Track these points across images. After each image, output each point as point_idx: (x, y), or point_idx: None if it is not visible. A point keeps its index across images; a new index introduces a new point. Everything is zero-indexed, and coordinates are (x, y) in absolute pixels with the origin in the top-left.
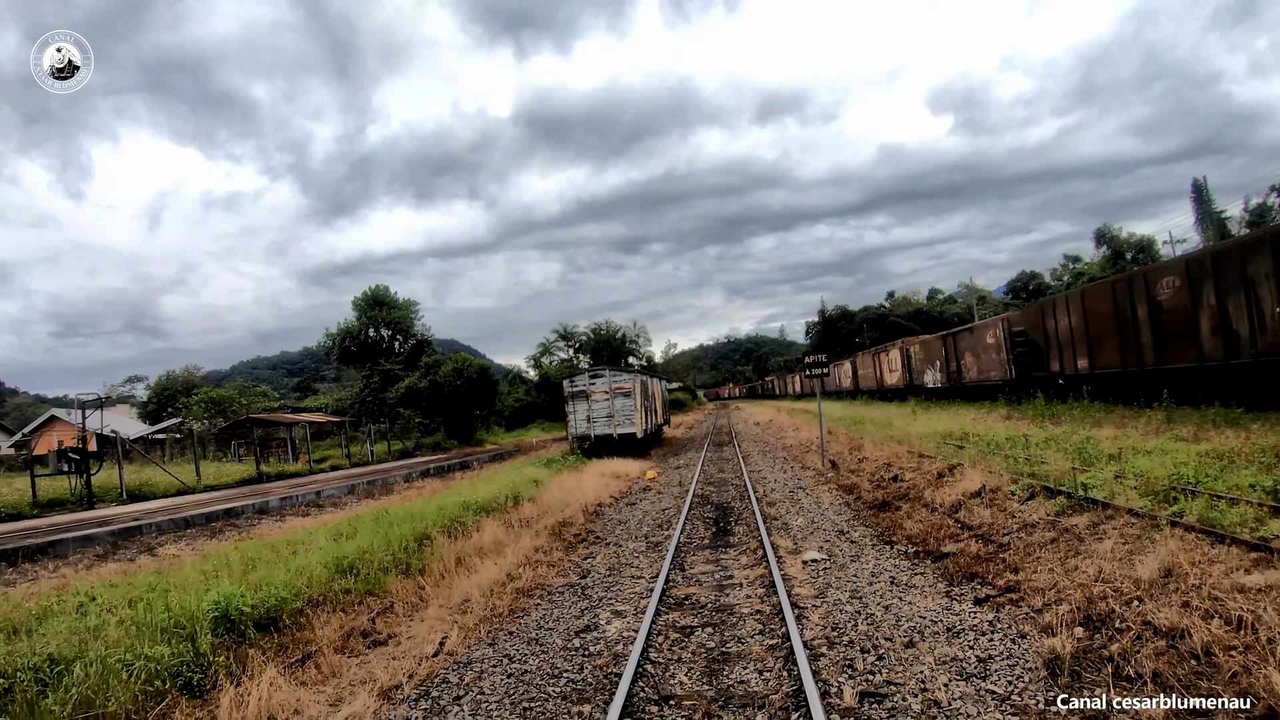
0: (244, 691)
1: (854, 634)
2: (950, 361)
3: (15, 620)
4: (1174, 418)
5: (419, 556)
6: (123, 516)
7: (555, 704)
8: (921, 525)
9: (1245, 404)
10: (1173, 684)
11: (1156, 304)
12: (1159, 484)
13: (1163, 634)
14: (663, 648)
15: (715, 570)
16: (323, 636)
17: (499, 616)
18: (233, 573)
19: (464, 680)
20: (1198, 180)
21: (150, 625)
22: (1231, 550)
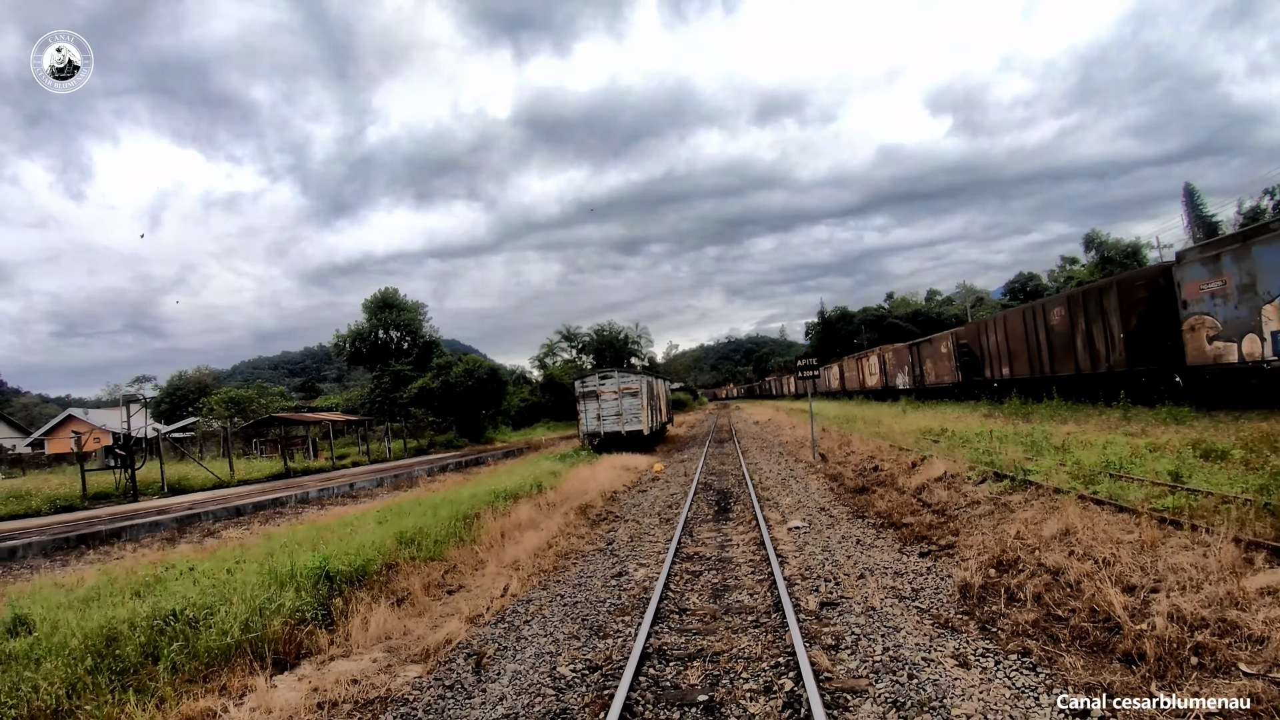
0: (364, 620)
1: (821, 572)
2: (915, 367)
3: (136, 584)
4: (1130, 416)
5: (468, 531)
6: (178, 506)
7: (604, 617)
8: (889, 503)
9: (1106, 400)
10: (1046, 602)
11: (1050, 328)
12: (1090, 469)
13: (1049, 571)
14: (679, 583)
15: (717, 536)
16: (409, 586)
17: (545, 572)
18: (303, 547)
19: (529, 610)
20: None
21: (272, 578)
22: (1119, 515)
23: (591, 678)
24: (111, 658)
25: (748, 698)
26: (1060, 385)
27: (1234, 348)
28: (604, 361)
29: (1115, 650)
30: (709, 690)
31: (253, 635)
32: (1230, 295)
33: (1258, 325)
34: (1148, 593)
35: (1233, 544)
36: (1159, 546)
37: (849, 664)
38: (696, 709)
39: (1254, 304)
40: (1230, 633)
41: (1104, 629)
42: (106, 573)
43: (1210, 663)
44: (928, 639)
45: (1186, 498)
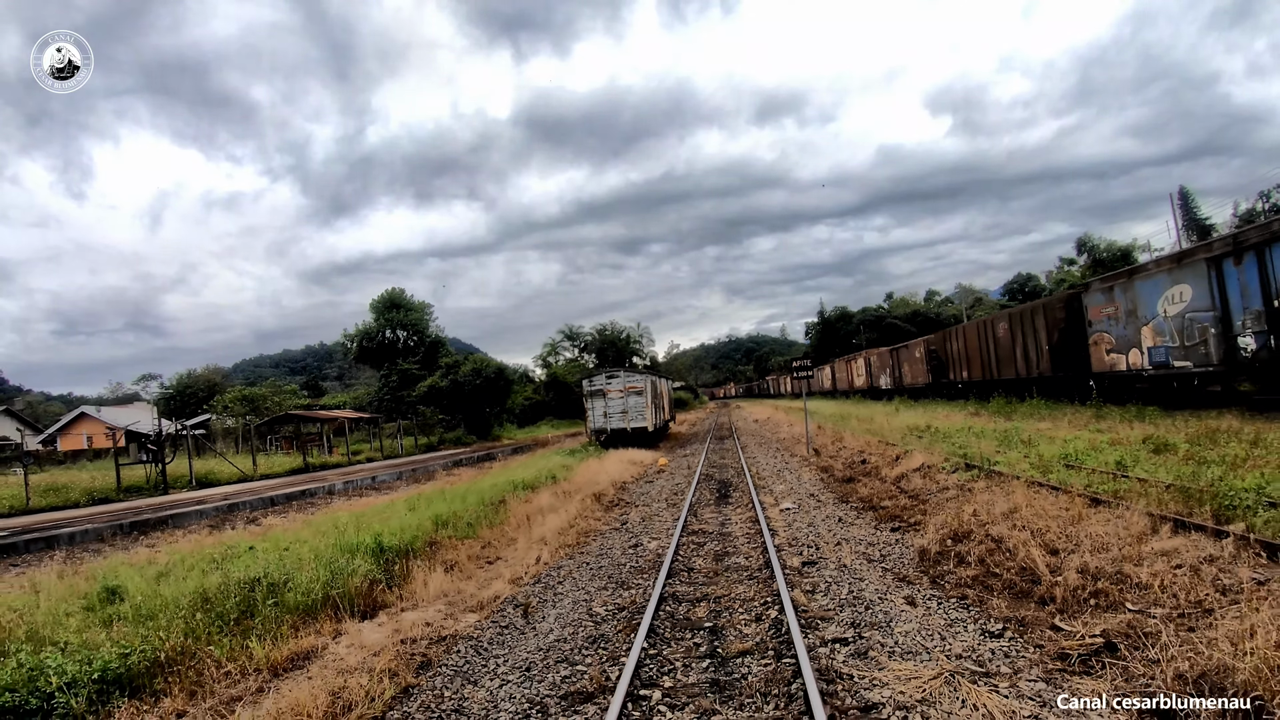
0: (424, 581)
1: (805, 541)
2: (895, 369)
3: (206, 559)
4: (1101, 415)
5: (496, 514)
6: (214, 497)
7: (626, 575)
8: (871, 490)
9: (1044, 396)
10: (987, 563)
11: (997, 339)
12: (1049, 460)
13: (993, 540)
14: (686, 551)
15: (718, 516)
16: (455, 557)
17: (570, 546)
18: (349, 529)
19: (561, 573)
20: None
21: (339, 550)
22: (1058, 496)
23: (621, 614)
24: (214, 613)
25: (742, 623)
26: (1004, 386)
27: (1124, 358)
28: (606, 361)
29: (1033, 595)
30: (713, 620)
31: (336, 592)
32: (1120, 318)
33: (1139, 342)
34: (1066, 554)
35: (1145, 517)
36: (1085, 520)
37: (821, 601)
38: (703, 631)
39: (1136, 325)
40: (1123, 582)
41: (1028, 581)
42: (175, 552)
43: (1104, 602)
44: (886, 587)
45: (1122, 482)
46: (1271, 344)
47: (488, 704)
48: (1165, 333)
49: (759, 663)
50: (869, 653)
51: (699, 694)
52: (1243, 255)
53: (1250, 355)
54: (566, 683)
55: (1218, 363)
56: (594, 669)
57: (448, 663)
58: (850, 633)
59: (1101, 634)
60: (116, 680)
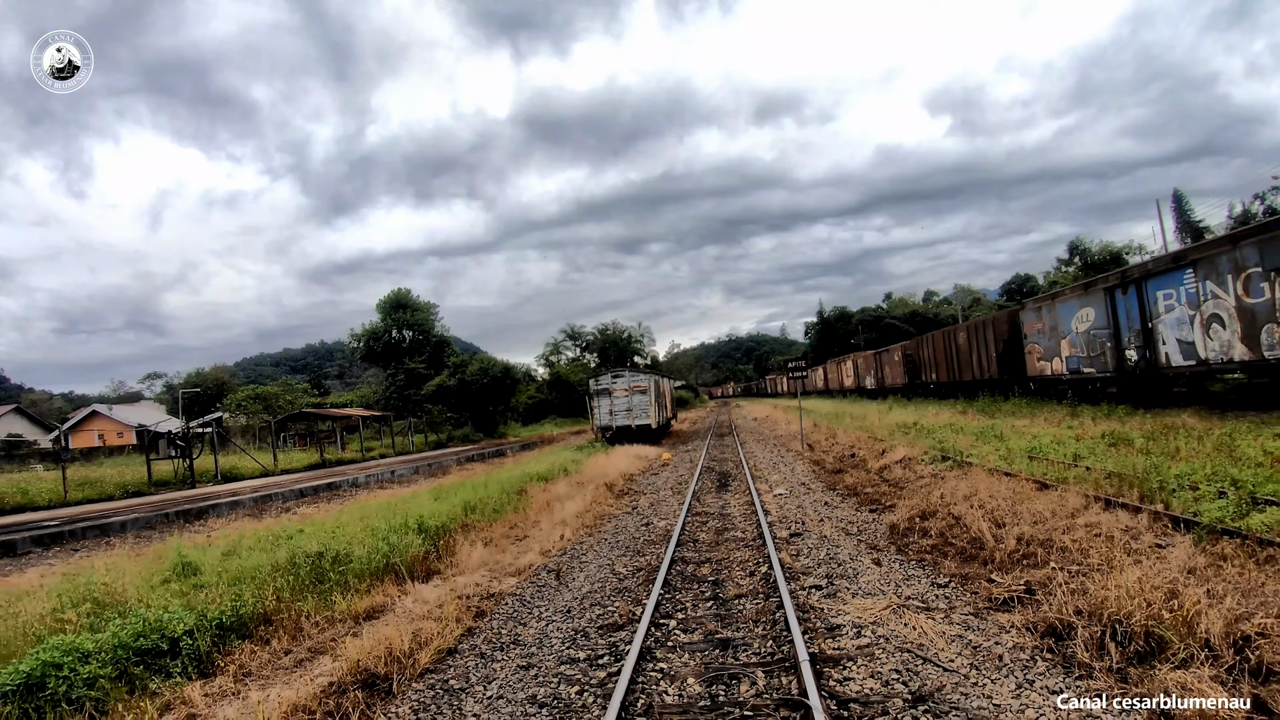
0: (468, 554)
1: (793, 518)
2: (878, 371)
3: (263, 540)
4: (1077, 413)
5: (519, 501)
6: (244, 490)
7: (641, 546)
8: (856, 479)
9: (991, 394)
10: (945, 534)
11: (958, 347)
12: (1016, 453)
13: (953, 517)
14: (691, 527)
15: (719, 501)
16: (491, 534)
17: (589, 526)
18: (383, 515)
19: (584, 547)
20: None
21: (390, 529)
22: (1013, 482)
23: (639, 573)
24: (291, 579)
25: (739, 577)
26: (964, 387)
27: (1049, 365)
28: (608, 360)
29: (978, 558)
30: (715, 575)
31: (396, 560)
32: (1047, 332)
33: (1060, 351)
34: (1010, 526)
35: (1081, 497)
36: (1030, 499)
37: (803, 561)
38: (707, 582)
39: (1057, 339)
40: (1050, 546)
41: (975, 548)
42: (229, 535)
43: (1032, 562)
44: (858, 552)
45: (1073, 470)
46: (1146, 355)
47: (539, 636)
48: (1077, 345)
49: (751, 602)
50: (837, 594)
51: (705, 622)
52: (1128, 287)
53: (1133, 364)
54: (601, 618)
55: (1113, 370)
56: (622, 608)
57: (500, 611)
58: (824, 582)
59: (1024, 584)
60: (230, 628)
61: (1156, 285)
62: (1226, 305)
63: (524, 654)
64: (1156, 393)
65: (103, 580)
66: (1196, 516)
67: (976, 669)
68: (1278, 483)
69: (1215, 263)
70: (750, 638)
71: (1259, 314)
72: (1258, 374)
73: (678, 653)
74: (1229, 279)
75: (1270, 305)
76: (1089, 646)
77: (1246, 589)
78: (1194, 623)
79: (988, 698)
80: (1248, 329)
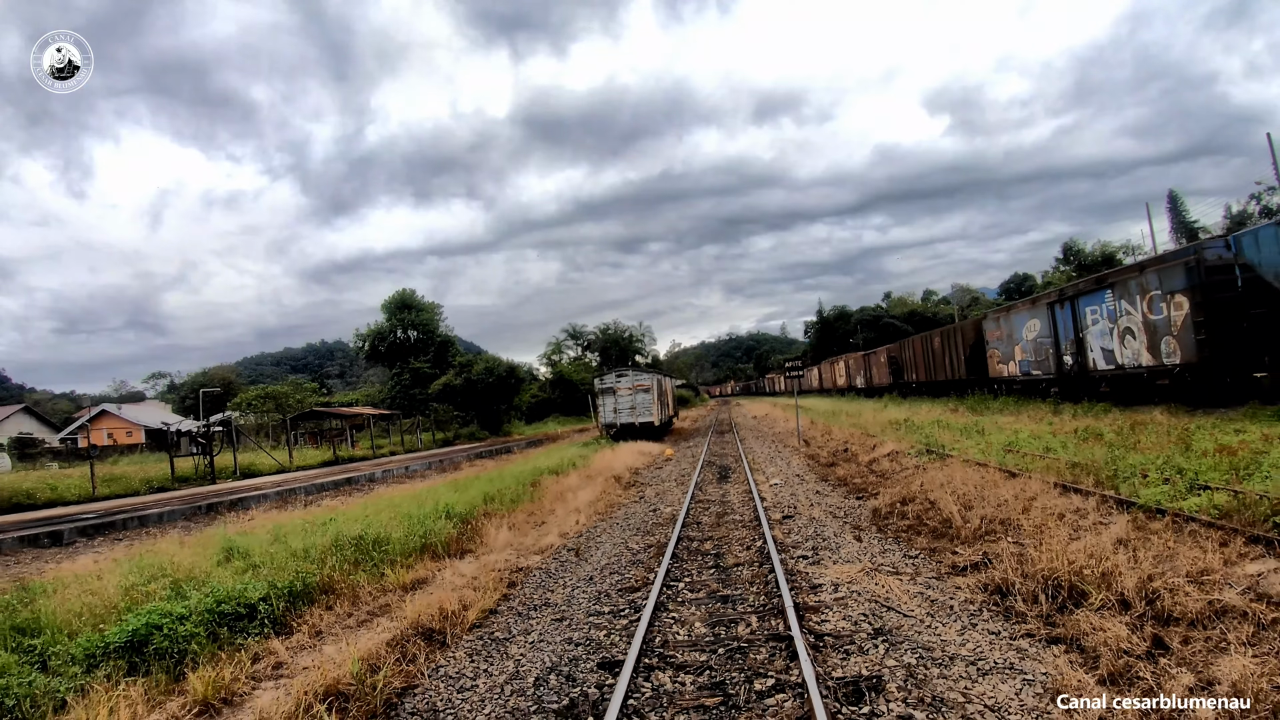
0: (495, 535)
1: (787, 504)
2: (867, 371)
3: (300, 527)
4: (1059, 411)
5: (534, 492)
6: (266, 485)
7: (650, 527)
8: (847, 471)
9: (958, 394)
10: (921, 516)
11: (934, 350)
12: (995, 446)
13: (929, 501)
14: (695, 512)
15: (720, 490)
16: (513, 520)
17: (601, 513)
18: (408, 504)
19: (598, 530)
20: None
21: (425, 514)
22: (984, 471)
23: (650, 549)
24: (338, 558)
25: (737, 550)
26: (938, 386)
27: (1006, 367)
28: (609, 359)
29: (946, 535)
30: (716, 549)
31: (433, 541)
32: (1004, 339)
33: (1014, 356)
34: (976, 509)
35: (1041, 483)
36: (998, 486)
37: (794, 538)
38: (710, 555)
39: (1012, 345)
40: (1010, 524)
41: (945, 526)
42: (268, 523)
43: (992, 537)
44: (842, 530)
45: (1040, 461)
46: (1079, 360)
47: (567, 598)
48: (1028, 351)
49: (748, 569)
50: (820, 561)
51: (708, 583)
52: (1065, 303)
53: (1069, 368)
54: (619, 583)
55: (1054, 372)
56: (637, 575)
57: (529, 581)
58: (810, 553)
59: (982, 555)
60: (298, 595)
61: (1086, 302)
62: (1136, 320)
63: (556, 611)
64: (1087, 391)
65: (171, 560)
66: (1135, 499)
67: (931, 615)
68: (1219, 471)
69: (1127, 285)
70: (746, 594)
71: (1159, 328)
72: (1158, 376)
73: (686, 605)
74: (1137, 299)
75: (1167, 321)
76: (1025, 599)
77: (1164, 555)
78: (1113, 581)
79: (936, 635)
80: (1151, 340)
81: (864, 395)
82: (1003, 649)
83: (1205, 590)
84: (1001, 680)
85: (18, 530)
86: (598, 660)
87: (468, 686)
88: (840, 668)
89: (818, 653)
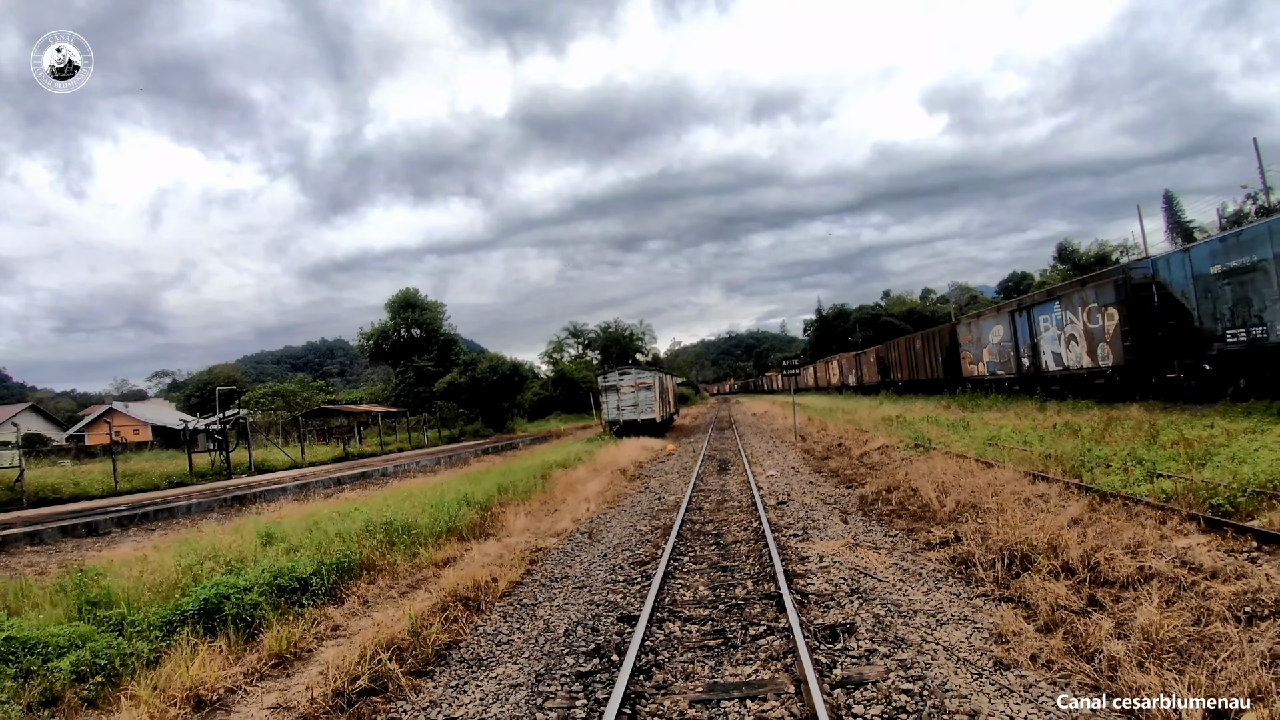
0: (513, 521)
1: (782, 492)
2: (858, 370)
3: (329, 516)
4: (1044, 407)
5: (544, 484)
6: (284, 479)
7: (656, 513)
8: (839, 464)
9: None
10: (903, 502)
11: (916, 351)
12: (979, 440)
13: (912, 489)
14: (697, 500)
15: (720, 481)
16: (529, 508)
17: (609, 502)
18: (428, 494)
19: (608, 516)
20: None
21: (450, 503)
22: (962, 461)
23: (657, 530)
24: (371, 541)
25: (736, 530)
26: (919, 385)
27: (976, 368)
28: (610, 357)
29: (924, 518)
30: (717, 530)
31: (457, 526)
32: (975, 343)
33: (983, 358)
34: (952, 495)
35: (1013, 472)
36: (974, 475)
37: (786, 520)
38: (711, 535)
39: (981, 348)
40: (982, 507)
41: (923, 510)
42: (295, 513)
43: (966, 517)
44: (830, 514)
45: (1015, 452)
46: (1034, 362)
47: (585, 571)
48: (994, 353)
49: (744, 545)
50: (809, 539)
51: (710, 556)
52: (1023, 312)
53: (1026, 369)
54: (631, 558)
55: (1014, 373)
56: (647, 550)
57: (549, 558)
58: (800, 531)
59: (954, 533)
60: (344, 570)
61: (1039, 311)
62: (1079, 328)
63: (576, 581)
64: (1041, 388)
65: (216, 544)
66: (1092, 484)
67: (903, 580)
68: (1177, 461)
69: (1072, 298)
70: (743, 564)
71: (1095, 335)
72: (1096, 376)
73: (691, 574)
74: (1079, 310)
75: (1102, 330)
76: (984, 568)
77: (1109, 531)
78: (1060, 552)
79: (905, 595)
80: (1090, 345)
81: (859, 393)
82: (960, 605)
83: (1138, 559)
84: (956, 628)
85: (55, 522)
86: (617, 615)
87: (504, 640)
88: (820, 618)
89: (802, 607)
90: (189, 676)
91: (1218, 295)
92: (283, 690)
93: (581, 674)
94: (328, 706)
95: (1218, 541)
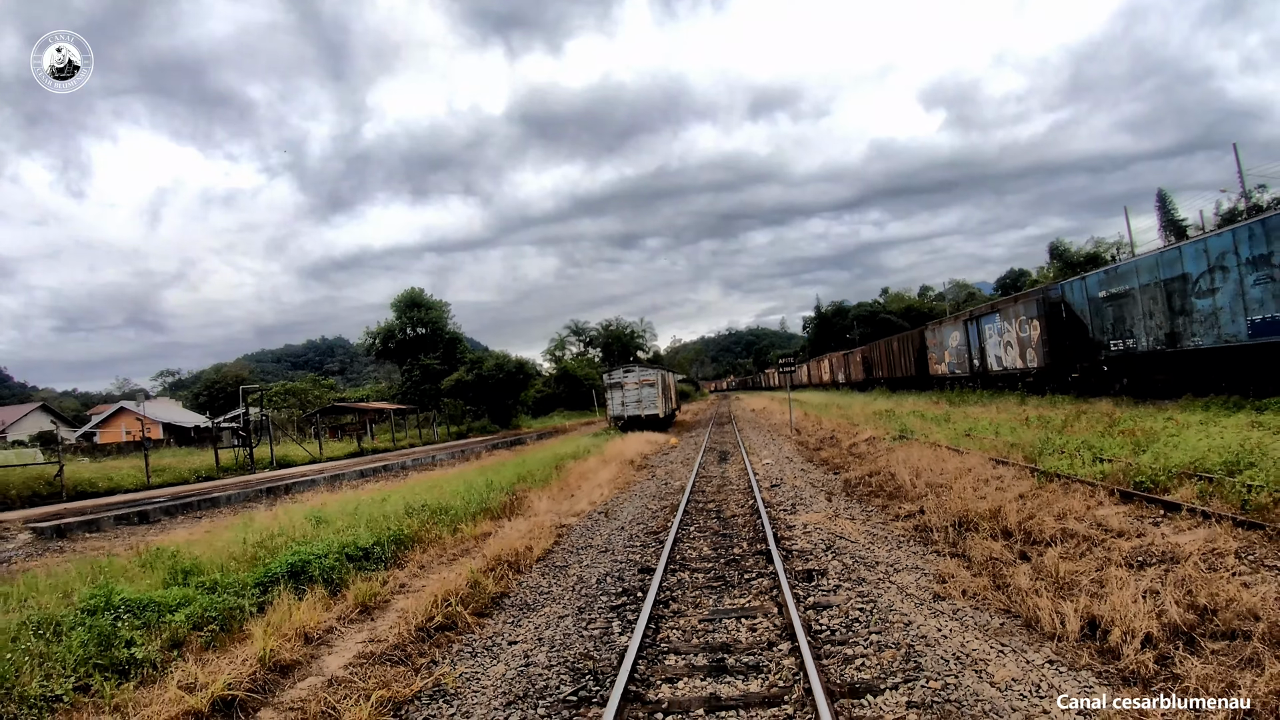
0: (537, 503)
1: (776, 477)
2: (847, 368)
3: (367, 501)
4: (1025, 401)
5: (558, 474)
6: (308, 473)
7: (664, 495)
8: (830, 454)
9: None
10: (882, 484)
11: (894, 352)
12: (958, 431)
13: (890, 474)
14: (699, 484)
15: (720, 469)
16: (549, 492)
17: (621, 488)
18: (453, 483)
19: (621, 499)
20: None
21: (480, 489)
22: (936, 449)
23: (665, 509)
24: (416, 519)
25: (734, 507)
26: (897, 382)
27: (940, 368)
28: (611, 355)
29: (898, 496)
30: (718, 508)
31: (489, 506)
32: (938, 346)
33: (944, 359)
34: (923, 477)
35: (979, 457)
36: (945, 461)
37: (778, 499)
38: (713, 511)
39: (943, 350)
40: (944, 487)
41: (897, 490)
42: (337, 500)
43: (936, 495)
44: (817, 494)
45: (984, 440)
46: (983, 362)
47: (607, 540)
48: (953, 355)
49: (742, 518)
50: (796, 512)
51: (712, 526)
52: (973, 321)
53: (976, 369)
54: (645, 530)
55: (968, 372)
56: (658, 523)
57: (573, 532)
58: (790, 507)
59: (920, 507)
60: (400, 541)
61: (985, 321)
62: (1013, 336)
63: (599, 548)
64: (989, 384)
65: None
66: (1039, 467)
67: (871, 542)
68: (1124, 449)
69: (1007, 311)
70: (740, 532)
71: (1025, 342)
72: (1026, 375)
73: (696, 540)
74: (1014, 321)
75: (1029, 338)
76: (938, 532)
77: (1047, 503)
78: (1001, 518)
79: (871, 552)
80: (1021, 350)
81: (854, 389)
82: (914, 559)
83: (1062, 523)
84: (908, 574)
85: (109, 511)
86: (638, 569)
87: (546, 590)
88: (800, 566)
89: (787, 560)
90: (295, 620)
91: (1104, 314)
92: (371, 629)
93: (614, 607)
94: (412, 638)
95: (1131, 510)
